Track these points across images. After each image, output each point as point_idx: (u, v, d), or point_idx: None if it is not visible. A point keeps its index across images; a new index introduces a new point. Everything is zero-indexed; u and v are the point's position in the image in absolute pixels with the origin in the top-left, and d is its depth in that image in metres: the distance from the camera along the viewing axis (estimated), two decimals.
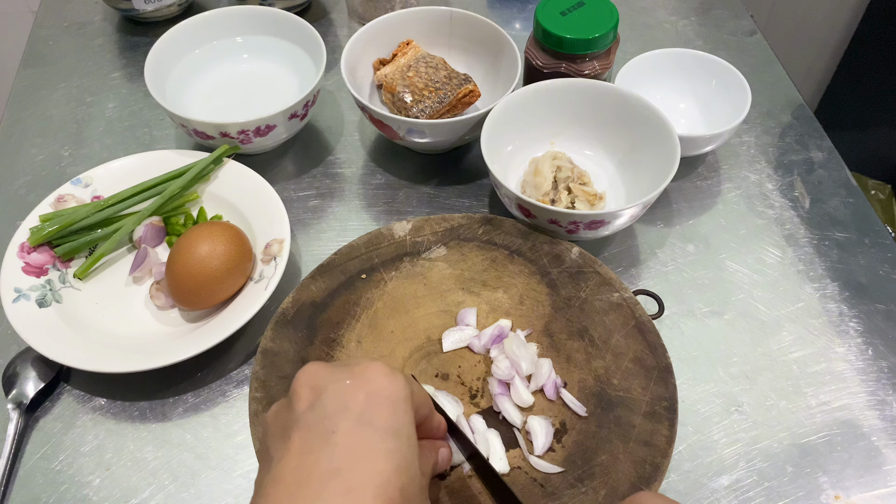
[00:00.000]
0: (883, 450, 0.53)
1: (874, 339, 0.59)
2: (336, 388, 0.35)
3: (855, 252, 0.64)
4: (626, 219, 0.57)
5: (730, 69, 0.70)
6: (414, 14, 0.73)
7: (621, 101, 0.64)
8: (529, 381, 0.52)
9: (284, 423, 0.35)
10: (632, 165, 0.65)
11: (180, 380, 0.57)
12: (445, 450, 0.44)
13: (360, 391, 0.35)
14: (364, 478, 0.32)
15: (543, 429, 0.50)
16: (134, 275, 0.61)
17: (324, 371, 0.37)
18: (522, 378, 0.52)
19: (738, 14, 0.88)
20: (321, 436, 0.33)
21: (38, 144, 0.74)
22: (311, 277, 0.57)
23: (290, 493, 0.32)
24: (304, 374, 0.37)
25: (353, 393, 0.35)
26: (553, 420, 0.51)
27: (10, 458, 0.52)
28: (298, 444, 0.33)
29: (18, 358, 0.57)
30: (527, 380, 0.52)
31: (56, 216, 0.61)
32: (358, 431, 0.33)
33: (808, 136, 0.74)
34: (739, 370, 0.57)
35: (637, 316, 0.54)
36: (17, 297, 0.57)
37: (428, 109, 0.66)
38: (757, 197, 0.69)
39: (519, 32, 0.86)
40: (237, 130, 0.64)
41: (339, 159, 0.73)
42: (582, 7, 0.65)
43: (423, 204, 0.68)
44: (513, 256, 0.58)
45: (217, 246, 0.56)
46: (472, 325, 0.56)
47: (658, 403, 0.50)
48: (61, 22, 0.88)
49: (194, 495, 0.51)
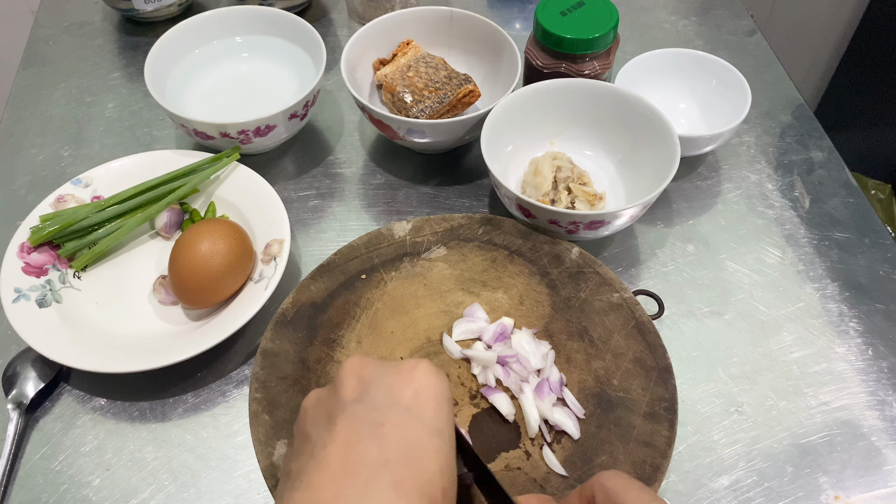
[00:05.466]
0: (883, 450, 0.53)
1: (874, 339, 0.59)
2: (385, 381, 0.35)
3: (855, 252, 0.64)
4: (626, 219, 0.57)
5: (730, 69, 0.70)
6: (414, 14, 0.73)
7: (621, 101, 0.64)
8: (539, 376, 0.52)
9: (329, 410, 0.35)
10: (632, 165, 0.65)
11: (180, 380, 0.57)
12: None
13: (409, 387, 0.35)
14: (413, 473, 0.31)
15: (568, 416, 0.50)
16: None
17: (371, 364, 0.37)
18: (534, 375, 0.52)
19: (738, 14, 0.88)
20: (370, 427, 0.33)
21: (38, 144, 0.74)
22: (311, 278, 0.57)
23: (336, 480, 0.31)
24: (351, 364, 0.37)
25: (401, 388, 0.35)
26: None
27: (10, 458, 0.52)
28: (346, 433, 0.33)
29: (18, 358, 0.57)
30: (536, 373, 0.52)
31: (56, 216, 0.61)
32: (407, 426, 0.33)
33: (808, 136, 0.74)
34: (739, 370, 0.57)
35: (637, 316, 0.54)
36: (17, 297, 0.57)
37: (428, 109, 0.66)
38: (757, 197, 0.69)
39: (519, 32, 0.86)
40: (237, 130, 0.64)
41: (339, 159, 0.73)
42: (582, 7, 0.65)
43: (423, 204, 0.68)
44: (513, 257, 0.58)
45: (218, 243, 0.56)
46: (482, 318, 0.56)
47: (658, 404, 0.50)
48: (61, 22, 0.88)
49: (194, 495, 0.51)
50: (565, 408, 0.51)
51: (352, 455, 0.32)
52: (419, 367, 0.36)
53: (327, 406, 0.35)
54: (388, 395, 0.34)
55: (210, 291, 0.56)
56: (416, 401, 0.34)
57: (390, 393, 0.34)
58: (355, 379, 0.36)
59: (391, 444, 0.32)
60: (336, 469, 0.31)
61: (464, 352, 0.54)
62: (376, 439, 0.32)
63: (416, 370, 0.36)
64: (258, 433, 0.48)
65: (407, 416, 0.33)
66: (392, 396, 0.34)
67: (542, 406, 0.51)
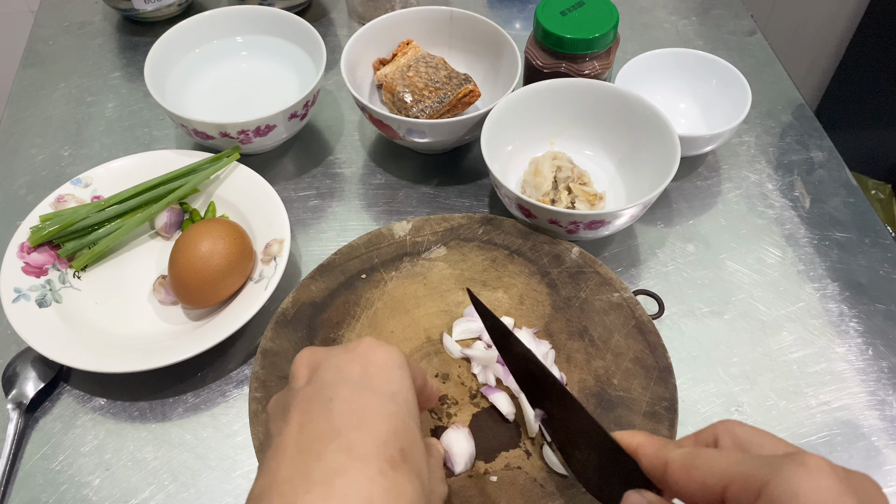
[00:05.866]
0: (883, 450, 0.53)
1: (874, 339, 0.59)
2: (333, 361, 0.36)
3: (855, 252, 0.64)
4: (627, 219, 0.57)
5: (730, 69, 0.70)
6: (414, 14, 0.73)
7: (621, 101, 0.64)
8: None
9: (284, 403, 0.36)
10: (632, 165, 0.65)
11: (180, 380, 0.57)
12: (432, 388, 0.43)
13: (356, 363, 0.36)
14: (364, 437, 0.32)
15: None
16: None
17: (320, 350, 0.38)
18: None
19: (739, 14, 0.88)
20: (320, 404, 0.33)
21: (38, 144, 0.74)
22: (311, 277, 0.57)
23: (291, 459, 0.32)
24: (301, 356, 0.38)
25: (349, 364, 0.35)
26: None
27: (10, 458, 0.52)
28: (298, 415, 0.33)
29: (18, 358, 0.57)
30: None
31: (56, 216, 0.61)
32: (356, 396, 0.34)
33: (808, 136, 0.74)
34: (739, 370, 0.57)
35: (637, 316, 0.54)
36: (17, 297, 0.56)
37: (428, 109, 0.66)
38: (757, 197, 0.69)
39: (519, 32, 0.86)
40: (237, 130, 0.64)
41: (339, 159, 0.73)
42: (582, 7, 0.65)
43: (423, 204, 0.68)
44: (513, 256, 0.58)
45: (218, 243, 0.56)
46: None
47: (658, 403, 0.50)
48: (61, 22, 0.88)
49: (194, 495, 0.51)
50: None
51: (304, 434, 0.33)
52: (363, 342, 0.37)
53: (283, 400, 0.36)
54: (337, 373, 0.35)
55: (210, 291, 0.56)
56: (365, 372, 0.35)
57: (339, 371, 0.35)
58: (305, 367, 0.37)
59: (341, 414, 0.33)
60: (291, 450, 0.32)
61: (464, 351, 0.54)
62: (326, 413, 0.33)
63: (361, 345, 0.37)
64: (258, 433, 0.48)
65: (356, 387, 0.34)
66: (340, 373, 0.35)
67: (506, 405, 0.51)
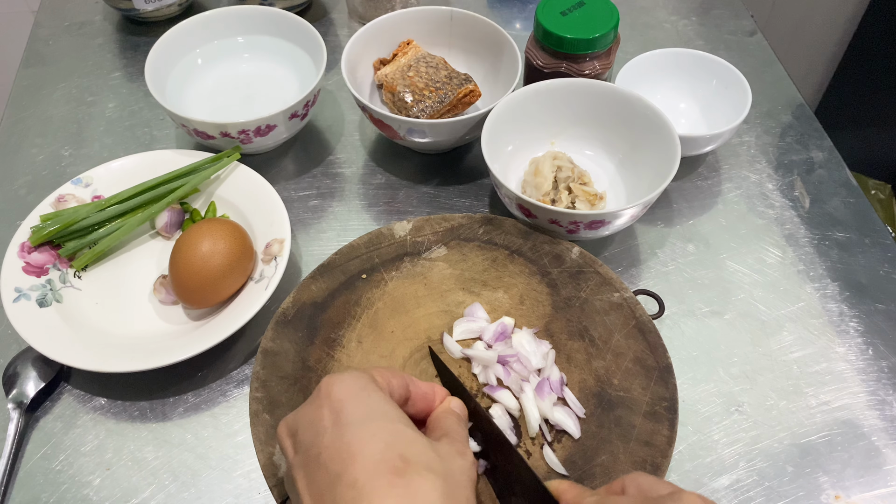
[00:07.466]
0: (883, 450, 0.53)
1: (874, 338, 0.59)
2: (304, 420, 0.38)
3: (855, 252, 0.64)
4: (627, 219, 0.57)
5: (730, 69, 0.70)
6: (414, 14, 0.73)
7: (621, 101, 0.64)
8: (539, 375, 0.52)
9: (290, 478, 0.38)
10: (632, 165, 0.65)
11: (180, 380, 0.57)
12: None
13: (323, 408, 0.37)
14: (361, 466, 0.34)
15: (568, 415, 0.50)
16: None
17: (290, 417, 0.39)
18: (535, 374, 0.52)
19: (739, 14, 0.88)
20: (313, 463, 0.35)
21: (38, 144, 0.74)
22: (312, 277, 0.57)
23: None
24: (279, 431, 0.39)
25: (317, 414, 0.37)
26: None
27: (10, 457, 0.52)
28: (302, 482, 0.36)
29: (19, 358, 0.57)
30: (537, 373, 0.52)
31: (57, 216, 0.61)
32: (336, 439, 0.35)
33: (808, 136, 0.74)
34: (740, 370, 0.57)
35: (637, 316, 0.54)
36: (18, 296, 0.57)
37: (428, 109, 0.66)
38: (757, 197, 0.69)
39: (519, 32, 0.86)
40: (237, 130, 0.64)
41: (340, 159, 0.73)
42: (582, 7, 0.65)
43: (424, 204, 0.68)
44: (513, 256, 0.58)
45: (219, 243, 0.56)
46: (482, 317, 0.56)
47: (658, 403, 0.50)
48: (61, 22, 0.88)
49: (195, 495, 0.51)
50: (566, 407, 0.51)
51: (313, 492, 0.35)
52: (322, 383, 0.39)
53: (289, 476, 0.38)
54: (311, 428, 0.37)
55: (210, 291, 0.56)
56: (334, 412, 0.37)
57: (312, 426, 0.37)
58: (287, 439, 0.38)
59: (332, 460, 0.35)
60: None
61: (464, 351, 0.54)
62: (321, 468, 0.35)
63: (321, 389, 0.38)
64: (258, 433, 0.48)
65: (334, 431, 0.36)
66: (315, 427, 0.37)
67: (542, 405, 0.51)
